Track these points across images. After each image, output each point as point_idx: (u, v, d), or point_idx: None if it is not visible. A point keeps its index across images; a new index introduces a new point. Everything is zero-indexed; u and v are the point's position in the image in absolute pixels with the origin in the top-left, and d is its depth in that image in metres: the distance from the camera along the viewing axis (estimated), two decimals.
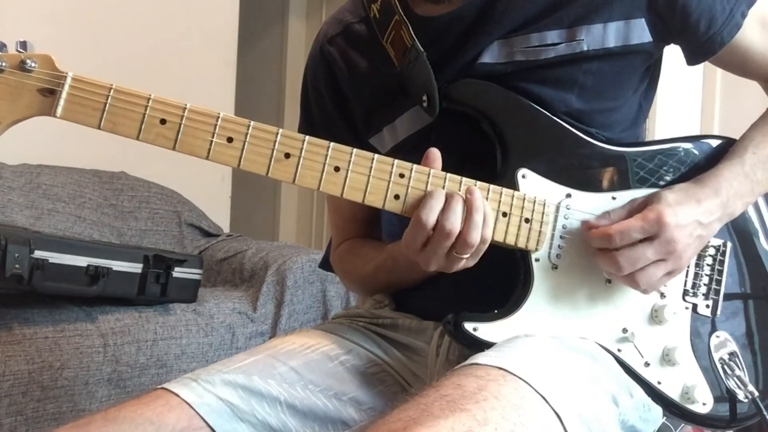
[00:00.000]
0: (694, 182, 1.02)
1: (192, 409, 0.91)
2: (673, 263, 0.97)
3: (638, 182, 1.03)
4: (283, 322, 2.23)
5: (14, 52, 0.85)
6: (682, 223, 0.96)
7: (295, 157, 0.90)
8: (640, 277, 0.96)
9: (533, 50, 1.01)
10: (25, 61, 0.84)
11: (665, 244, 0.95)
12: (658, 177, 1.04)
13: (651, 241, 0.95)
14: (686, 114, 2.60)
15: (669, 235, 0.95)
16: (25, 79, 0.84)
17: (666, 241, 0.95)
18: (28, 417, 1.72)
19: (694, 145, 1.08)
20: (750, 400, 1.03)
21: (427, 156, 0.94)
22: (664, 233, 0.95)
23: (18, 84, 0.84)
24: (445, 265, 0.94)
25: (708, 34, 1.03)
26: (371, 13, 1.09)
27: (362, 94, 1.13)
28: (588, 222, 0.99)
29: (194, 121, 0.88)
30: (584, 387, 0.90)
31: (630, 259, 0.95)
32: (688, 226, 0.97)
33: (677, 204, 0.97)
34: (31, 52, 0.86)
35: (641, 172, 1.04)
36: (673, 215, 0.96)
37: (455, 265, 0.94)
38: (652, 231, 0.95)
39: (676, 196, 0.98)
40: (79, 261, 1.82)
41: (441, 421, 0.76)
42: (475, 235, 0.91)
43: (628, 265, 0.95)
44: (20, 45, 0.85)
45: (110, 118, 0.86)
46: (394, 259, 1.09)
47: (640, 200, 1.00)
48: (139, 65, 2.71)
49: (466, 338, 0.95)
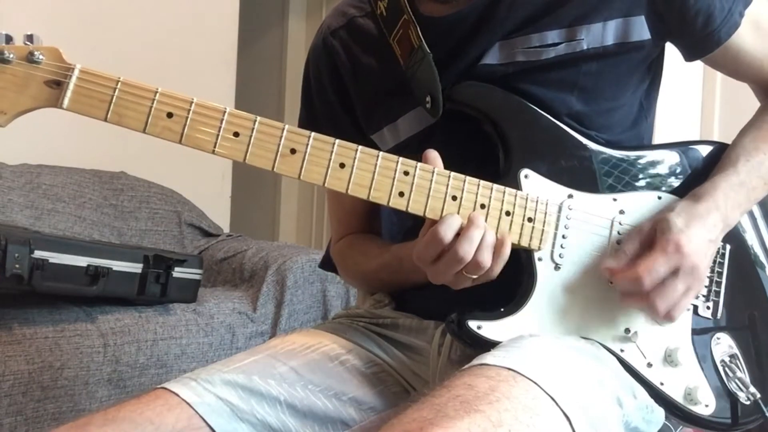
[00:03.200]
0: (693, 199, 1.01)
1: (192, 409, 0.91)
2: (696, 288, 0.98)
3: (638, 185, 1.04)
4: (283, 322, 2.23)
5: (21, 45, 0.86)
6: (698, 247, 0.96)
7: (301, 153, 0.90)
8: (675, 312, 0.97)
9: (534, 50, 1.01)
10: (33, 53, 0.85)
11: (690, 273, 0.95)
12: (658, 180, 1.05)
13: (677, 274, 0.95)
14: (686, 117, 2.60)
15: (691, 263, 0.95)
16: (32, 71, 0.85)
17: (690, 269, 0.95)
18: (28, 417, 1.72)
19: (692, 149, 1.09)
20: (752, 401, 1.03)
21: (425, 157, 0.94)
22: (687, 262, 0.95)
23: (25, 75, 0.85)
24: (453, 281, 0.94)
25: (705, 31, 1.03)
26: (378, 9, 1.09)
27: (364, 89, 1.13)
28: (609, 268, 0.98)
29: (201, 115, 0.88)
30: (591, 388, 0.90)
31: (665, 298, 0.95)
32: (702, 248, 0.97)
33: (687, 228, 0.97)
34: (39, 45, 0.86)
35: (641, 175, 1.04)
36: (689, 242, 0.96)
37: (462, 284, 0.94)
38: (675, 262, 0.95)
39: (683, 220, 0.97)
40: (79, 261, 1.81)
41: (456, 422, 0.76)
42: (485, 258, 0.91)
43: (665, 304, 0.96)
44: (27, 38, 0.86)
45: (117, 111, 0.86)
46: (400, 261, 1.09)
47: (646, 228, 0.99)
48: (139, 65, 2.71)
49: (470, 337, 0.95)
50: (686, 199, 1.01)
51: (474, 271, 0.92)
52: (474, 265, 0.92)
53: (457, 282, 0.94)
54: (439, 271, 0.93)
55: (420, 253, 0.93)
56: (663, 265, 0.94)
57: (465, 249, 0.91)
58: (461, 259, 0.91)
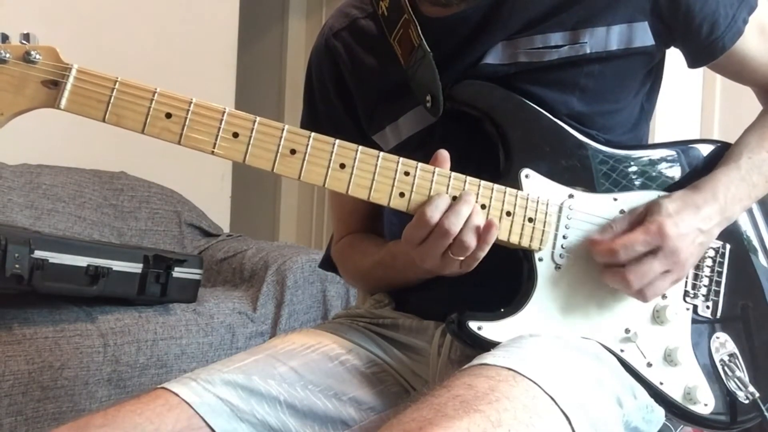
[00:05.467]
0: (692, 189, 1.02)
1: (191, 409, 0.91)
2: (677, 273, 0.98)
3: (639, 184, 1.04)
4: (283, 322, 2.23)
5: (17, 44, 0.85)
6: (684, 232, 0.97)
7: (301, 154, 0.90)
8: (648, 291, 0.97)
9: (537, 52, 1.01)
10: (29, 53, 0.84)
11: (669, 255, 0.96)
12: (659, 179, 1.05)
13: (655, 254, 0.96)
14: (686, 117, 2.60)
15: (672, 246, 0.96)
16: (28, 71, 0.84)
17: (670, 252, 0.96)
18: (28, 417, 1.72)
19: (693, 148, 1.09)
20: (751, 401, 1.03)
21: (435, 157, 0.94)
22: (667, 244, 0.96)
23: (22, 75, 0.84)
24: (440, 265, 0.94)
25: (710, 38, 1.03)
26: (379, 9, 1.10)
27: (366, 90, 1.13)
28: (592, 238, 0.99)
29: (200, 115, 0.88)
30: (591, 388, 0.91)
31: (638, 274, 0.96)
32: (690, 235, 0.98)
33: (677, 213, 0.98)
34: (35, 44, 0.85)
35: (642, 174, 1.04)
36: (674, 226, 0.96)
37: (449, 267, 0.95)
38: (655, 243, 0.96)
39: (675, 206, 0.99)
40: (79, 261, 1.81)
41: (456, 421, 0.76)
42: (470, 239, 0.91)
43: (638, 281, 0.96)
44: (23, 37, 0.85)
45: (115, 111, 0.86)
46: (393, 256, 1.09)
47: (640, 209, 1.01)
48: (138, 65, 2.71)
49: (470, 337, 0.95)
50: (686, 189, 1.02)
51: (459, 252, 0.92)
52: (459, 244, 0.91)
53: (444, 265, 0.94)
54: (426, 251, 0.93)
55: (408, 235, 0.94)
56: (641, 244, 0.95)
57: (451, 221, 0.91)
58: (446, 233, 0.91)
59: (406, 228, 0.94)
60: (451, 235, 0.91)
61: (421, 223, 0.92)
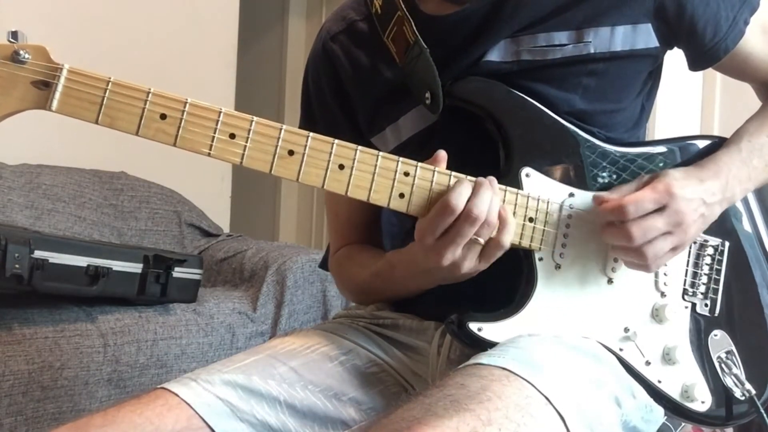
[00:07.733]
0: (695, 165, 1.03)
1: (191, 409, 0.91)
2: (679, 237, 0.98)
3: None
4: (283, 322, 2.23)
5: (5, 43, 0.81)
6: (689, 197, 0.98)
7: (299, 155, 0.89)
8: (648, 250, 0.96)
9: (540, 50, 1.01)
10: (18, 52, 0.81)
11: (674, 215, 0.96)
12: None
13: (661, 212, 0.96)
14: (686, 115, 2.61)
15: (677, 206, 0.96)
16: (17, 71, 0.81)
17: (675, 211, 0.96)
18: (28, 417, 1.72)
19: (693, 144, 1.09)
20: (747, 398, 1.03)
21: (435, 158, 0.94)
22: (673, 204, 0.96)
23: (10, 76, 0.81)
24: (459, 259, 0.92)
25: (713, 41, 1.04)
26: (373, 8, 1.09)
27: (365, 92, 1.12)
28: (599, 196, 0.99)
29: (196, 116, 0.86)
30: (587, 388, 0.90)
31: (642, 228, 0.95)
32: (694, 201, 0.98)
33: (683, 179, 0.99)
34: (24, 43, 0.82)
35: (643, 171, 1.04)
36: (681, 188, 0.97)
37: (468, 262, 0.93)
38: (663, 201, 0.96)
39: (680, 174, 1.00)
40: (79, 261, 1.81)
41: (445, 420, 0.76)
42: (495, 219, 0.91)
43: (640, 235, 0.95)
44: (11, 35, 0.81)
45: (108, 113, 0.83)
46: (392, 266, 1.07)
47: (645, 177, 1.01)
48: (138, 65, 2.71)
49: (470, 338, 0.95)
50: (690, 166, 1.03)
51: (485, 234, 0.91)
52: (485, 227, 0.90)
53: (463, 260, 0.92)
54: (447, 242, 0.90)
55: (425, 229, 0.91)
56: (650, 201, 0.95)
57: (480, 207, 0.89)
58: (475, 218, 0.89)
59: (419, 223, 0.92)
60: (480, 220, 0.90)
61: (446, 211, 0.90)
